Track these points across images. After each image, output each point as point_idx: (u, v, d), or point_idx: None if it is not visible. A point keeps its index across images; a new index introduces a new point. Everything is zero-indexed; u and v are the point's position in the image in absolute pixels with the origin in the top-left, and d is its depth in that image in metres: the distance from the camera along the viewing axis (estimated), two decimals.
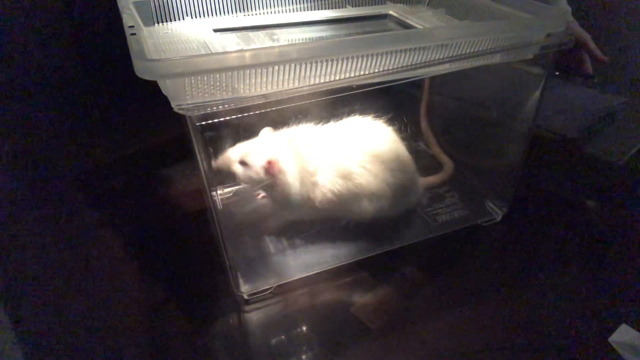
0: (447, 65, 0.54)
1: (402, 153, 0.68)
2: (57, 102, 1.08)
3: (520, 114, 0.70)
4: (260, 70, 0.45)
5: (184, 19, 0.66)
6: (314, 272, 0.65)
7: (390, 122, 0.70)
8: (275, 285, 0.63)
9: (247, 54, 0.43)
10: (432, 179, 0.79)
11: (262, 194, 0.72)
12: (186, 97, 0.44)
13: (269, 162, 0.60)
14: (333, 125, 0.67)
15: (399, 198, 0.68)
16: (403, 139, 0.70)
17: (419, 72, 0.53)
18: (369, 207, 0.65)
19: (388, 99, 0.71)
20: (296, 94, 0.48)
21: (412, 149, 0.90)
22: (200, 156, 0.50)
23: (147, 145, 0.95)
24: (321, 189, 0.63)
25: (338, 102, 0.68)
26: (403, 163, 0.68)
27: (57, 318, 0.60)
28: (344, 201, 0.64)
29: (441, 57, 0.53)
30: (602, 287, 0.64)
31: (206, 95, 0.45)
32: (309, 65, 0.46)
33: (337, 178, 0.63)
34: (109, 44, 1.08)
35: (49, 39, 1.05)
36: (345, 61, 0.48)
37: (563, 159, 0.89)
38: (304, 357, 0.55)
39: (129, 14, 0.56)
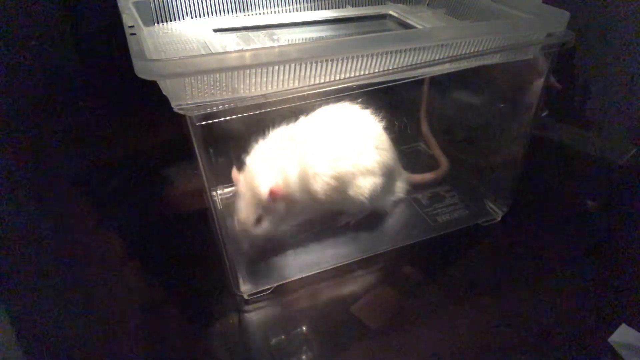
0: (447, 65, 0.54)
1: (382, 132, 0.70)
2: (57, 102, 1.08)
3: (519, 114, 0.70)
4: (260, 70, 0.45)
5: (184, 19, 0.66)
6: (314, 272, 0.65)
7: (391, 122, 0.70)
8: (275, 285, 0.63)
9: (247, 54, 0.43)
10: (427, 176, 0.80)
11: None
12: (186, 97, 0.44)
13: (271, 191, 0.60)
14: (313, 117, 0.68)
15: (387, 178, 0.69)
16: (403, 138, 0.71)
17: (419, 72, 0.53)
18: (364, 185, 0.66)
19: (388, 99, 0.71)
20: (296, 94, 0.48)
21: (412, 149, 0.91)
22: (200, 156, 0.50)
23: (147, 145, 0.95)
24: (322, 178, 0.64)
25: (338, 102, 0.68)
26: (384, 141, 0.69)
27: (57, 318, 0.60)
28: (343, 184, 0.65)
29: (441, 57, 0.53)
30: (602, 287, 0.64)
31: (206, 95, 0.45)
32: (309, 65, 0.46)
33: (335, 162, 0.64)
34: (109, 44, 1.08)
35: (49, 38, 1.05)
36: (345, 61, 0.48)
37: (563, 159, 0.89)
38: (304, 357, 0.55)
39: (129, 14, 0.56)
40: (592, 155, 0.85)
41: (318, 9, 0.72)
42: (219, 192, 0.78)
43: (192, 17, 0.66)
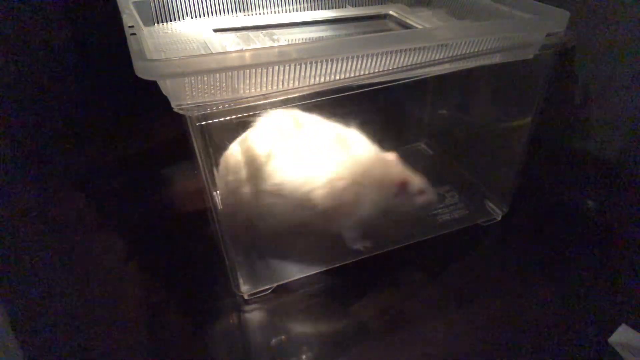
0: (447, 65, 0.54)
1: None
2: (57, 102, 1.08)
3: (520, 114, 0.70)
4: (260, 70, 0.45)
5: (184, 19, 0.66)
6: (314, 272, 0.65)
7: (390, 122, 0.70)
8: (275, 285, 0.63)
9: (247, 54, 0.43)
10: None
11: None
12: (186, 97, 0.44)
13: None
14: None
15: None
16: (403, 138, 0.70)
17: (419, 72, 0.53)
18: None
19: (388, 99, 0.71)
20: (296, 94, 0.48)
21: (412, 149, 0.91)
22: (200, 156, 0.50)
23: (147, 145, 0.95)
24: None
25: (338, 102, 0.68)
26: None
27: (57, 318, 0.60)
28: None
29: (441, 57, 0.53)
30: (602, 287, 0.64)
31: (206, 95, 0.45)
32: (309, 65, 0.46)
33: None
34: (109, 44, 1.08)
35: (49, 38, 1.05)
36: (345, 61, 0.48)
37: (562, 158, 0.89)
38: (303, 357, 0.55)
39: (129, 14, 0.56)
40: (592, 155, 0.85)
41: (318, 9, 0.72)
42: (219, 192, 0.78)
43: (192, 17, 0.66)
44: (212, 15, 0.67)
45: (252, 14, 0.69)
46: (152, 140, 0.97)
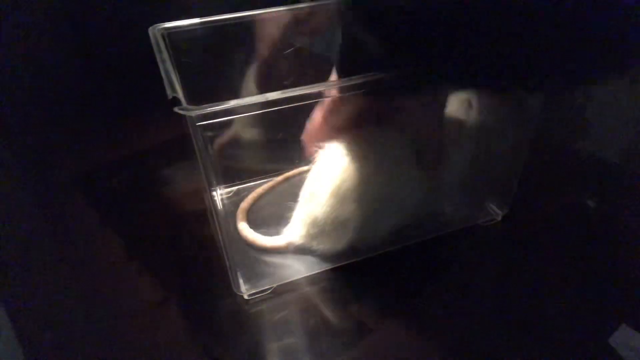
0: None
1: None
2: (57, 102, 1.08)
3: (521, 115, 0.69)
4: None
5: None
6: (314, 273, 0.65)
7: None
8: (275, 285, 0.63)
9: None
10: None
11: None
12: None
13: None
14: None
15: None
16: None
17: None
18: None
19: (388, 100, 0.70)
20: (296, 94, 0.48)
21: None
22: (200, 156, 0.50)
23: (147, 145, 0.95)
24: None
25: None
26: None
27: (57, 318, 0.60)
28: None
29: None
30: (602, 287, 0.64)
31: None
32: None
33: None
34: (109, 44, 1.08)
35: (49, 38, 1.05)
36: None
37: (562, 159, 0.89)
38: (304, 357, 0.55)
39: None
40: (592, 155, 0.85)
41: None
42: (219, 192, 0.78)
43: None
44: None
45: None
46: (152, 140, 0.96)
